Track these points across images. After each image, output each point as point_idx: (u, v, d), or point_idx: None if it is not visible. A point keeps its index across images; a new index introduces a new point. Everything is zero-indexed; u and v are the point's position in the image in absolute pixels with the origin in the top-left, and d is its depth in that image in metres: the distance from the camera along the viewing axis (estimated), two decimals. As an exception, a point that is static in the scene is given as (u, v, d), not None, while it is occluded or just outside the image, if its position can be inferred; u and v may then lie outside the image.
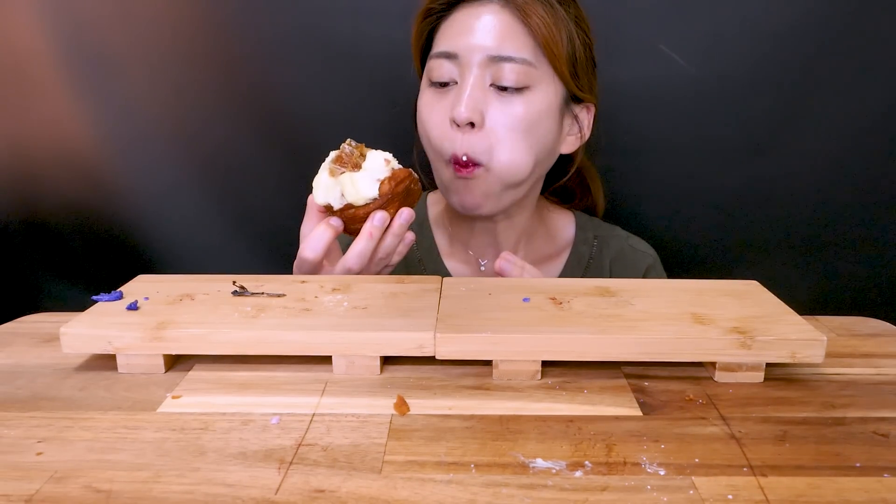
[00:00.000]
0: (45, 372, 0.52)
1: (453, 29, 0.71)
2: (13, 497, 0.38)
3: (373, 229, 0.60)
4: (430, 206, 0.88)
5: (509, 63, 0.68)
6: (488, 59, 0.69)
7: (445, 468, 0.40)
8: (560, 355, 0.50)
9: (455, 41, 0.70)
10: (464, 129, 0.69)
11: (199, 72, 0.96)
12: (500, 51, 0.68)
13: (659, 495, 0.38)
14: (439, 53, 0.71)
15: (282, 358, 0.53)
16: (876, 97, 0.91)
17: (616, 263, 0.84)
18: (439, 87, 0.72)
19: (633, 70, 0.92)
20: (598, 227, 0.87)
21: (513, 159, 0.70)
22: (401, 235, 0.63)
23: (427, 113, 0.73)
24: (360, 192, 0.59)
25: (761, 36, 0.89)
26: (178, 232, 1.03)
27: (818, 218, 0.99)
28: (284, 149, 0.99)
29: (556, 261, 0.83)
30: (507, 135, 0.69)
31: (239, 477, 0.39)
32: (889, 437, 0.44)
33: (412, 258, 0.84)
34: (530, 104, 0.70)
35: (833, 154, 0.95)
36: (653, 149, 0.97)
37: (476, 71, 0.69)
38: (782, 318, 0.53)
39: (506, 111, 0.69)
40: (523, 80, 0.69)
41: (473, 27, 0.69)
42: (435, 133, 0.72)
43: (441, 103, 0.72)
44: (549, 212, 0.86)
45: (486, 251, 0.82)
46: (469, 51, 0.69)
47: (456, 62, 0.70)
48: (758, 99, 0.92)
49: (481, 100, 0.69)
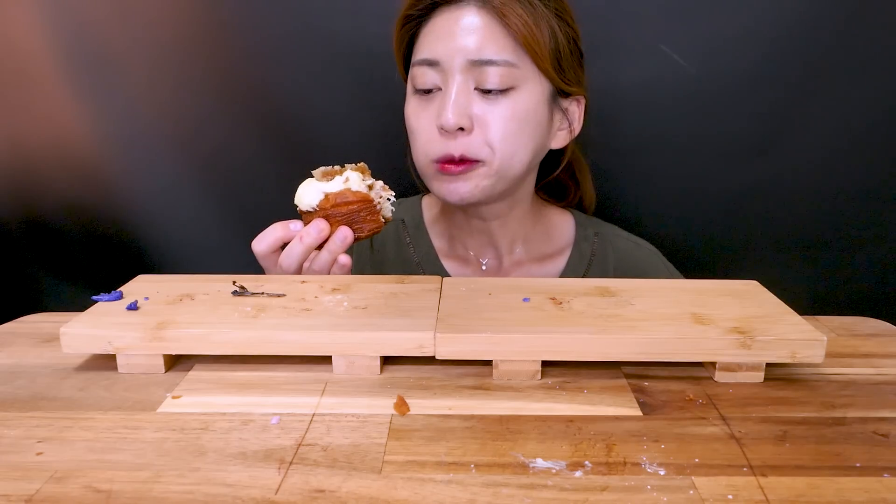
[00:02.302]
0: (45, 372, 0.52)
1: (433, 35, 0.70)
2: (13, 497, 0.38)
3: (304, 233, 0.62)
4: (425, 209, 0.87)
5: (491, 66, 0.68)
6: (470, 64, 0.68)
7: (445, 468, 0.40)
8: (560, 355, 0.50)
9: (435, 47, 0.70)
10: (454, 134, 0.69)
11: (199, 72, 0.96)
12: (480, 54, 0.68)
13: (659, 495, 0.38)
14: (421, 61, 0.71)
15: (282, 358, 0.53)
16: (876, 97, 0.91)
17: (621, 261, 0.83)
18: (424, 94, 0.72)
19: (633, 70, 0.92)
20: (598, 225, 0.87)
21: (509, 156, 0.70)
22: (335, 252, 0.63)
23: (414, 120, 0.73)
24: (303, 197, 0.63)
25: (761, 36, 0.89)
26: (178, 232, 1.03)
27: (818, 218, 0.99)
28: (284, 149, 0.99)
29: (558, 259, 0.83)
30: (497, 134, 0.69)
31: (239, 477, 0.39)
32: (889, 437, 0.44)
33: (410, 262, 0.84)
34: (516, 104, 0.70)
35: (833, 154, 0.95)
36: (653, 149, 0.97)
37: (459, 76, 0.69)
38: (782, 318, 0.53)
39: (493, 113, 0.69)
40: (507, 81, 0.69)
41: (453, 32, 0.68)
42: (423, 139, 0.72)
43: (427, 110, 0.72)
44: (547, 211, 0.86)
45: (485, 250, 0.82)
46: (450, 56, 0.68)
47: (438, 68, 0.70)
48: (758, 99, 0.92)
49: (467, 105, 0.69)
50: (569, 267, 0.83)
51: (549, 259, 0.83)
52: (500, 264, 0.82)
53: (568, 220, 0.86)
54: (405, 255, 0.84)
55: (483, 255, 0.83)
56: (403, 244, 0.84)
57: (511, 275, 0.82)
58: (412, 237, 0.84)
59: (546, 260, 0.83)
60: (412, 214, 0.86)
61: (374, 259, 0.85)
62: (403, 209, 0.87)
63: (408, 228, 0.85)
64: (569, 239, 0.85)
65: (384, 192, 0.64)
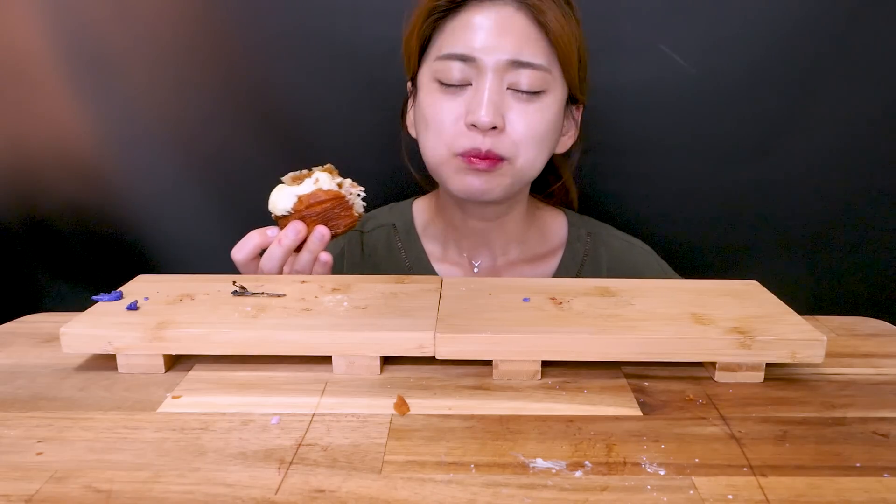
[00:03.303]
0: (45, 372, 0.52)
1: (468, 29, 0.69)
2: (13, 497, 0.38)
3: (282, 236, 0.63)
4: (416, 214, 0.87)
5: (528, 69, 0.68)
6: (507, 64, 0.68)
7: (445, 468, 0.40)
8: (560, 355, 0.50)
9: (470, 43, 0.68)
10: (485, 132, 0.69)
11: (198, 72, 0.96)
12: (519, 56, 0.67)
13: (659, 495, 0.38)
14: (452, 55, 0.69)
15: (282, 358, 0.53)
16: (876, 97, 0.91)
17: (615, 260, 0.84)
18: (448, 87, 0.70)
19: (633, 70, 0.92)
20: (591, 225, 0.87)
21: (533, 158, 0.71)
22: (315, 252, 0.63)
23: (435, 112, 0.71)
24: (276, 203, 0.64)
25: (761, 36, 0.89)
26: (178, 232, 1.03)
27: (818, 218, 0.99)
28: (284, 149, 0.99)
29: (551, 260, 0.83)
30: (528, 136, 0.70)
31: (239, 477, 0.39)
32: (889, 437, 0.44)
33: (401, 266, 0.83)
34: (546, 108, 0.70)
35: (833, 154, 0.95)
36: (653, 149, 0.97)
37: (494, 75, 0.68)
38: (782, 318, 0.53)
39: (524, 115, 0.69)
40: (539, 84, 0.69)
41: (490, 28, 0.67)
42: (447, 132, 0.70)
43: (451, 103, 0.70)
44: (540, 211, 0.86)
45: (480, 251, 0.82)
46: (486, 54, 0.67)
47: (471, 64, 0.68)
48: (758, 99, 0.92)
49: (501, 104, 0.69)
50: (561, 267, 0.83)
51: (542, 259, 0.83)
52: (493, 266, 0.82)
53: (561, 220, 0.86)
54: (396, 259, 0.84)
55: (477, 256, 0.83)
56: (395, 249, 0.84)
57: (504, 276, 0.82)
58: (403, 242, 0.84)
59: (539, 260, 0.83)
60: (403, 219, 0.86)
61: (365, 264, 0.85)
62: (394, 214, 0.87)
63: (399, 233, 0.85)
64: (562, 239, 0.85)
65: (353, 188, 0.65)
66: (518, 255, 0.83)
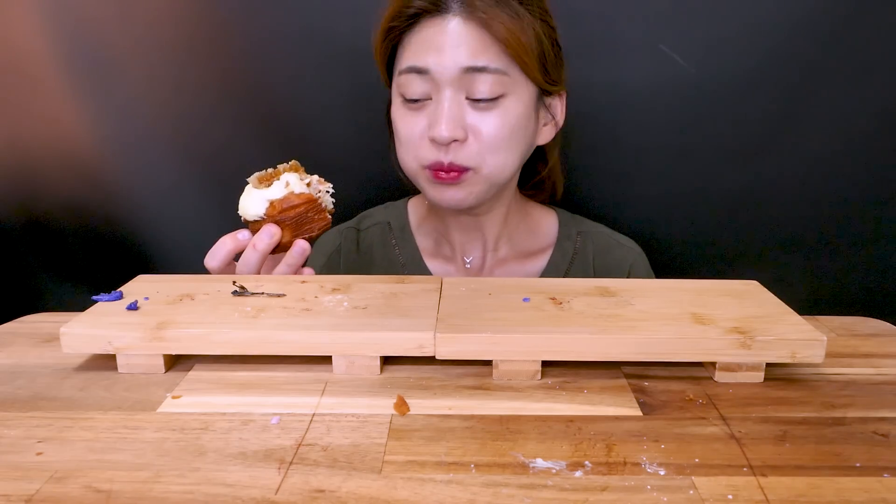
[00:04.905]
0: (45, 372, 0.52)
1: (421, 44, 0.69)
2: (13, 497, 0.38)
3: (257, 240, 0.63)
4: (410, 212, 0.88)
5: (482, 74, 0.68)
6: (461, 73, 0.68)
7: (445, 468, 0.40)
8: (560, 355, 0.50)
9: (424, 56, 0.69)
10: (447, 145, 0.69)
11: (199, 72, 0.96)
12: (471, 62, 0.67)
13: (659, 495, 0.38)
14: (410, 68, 0.70)
15: (282, 358, 0.53)
16: (876, 97, 0.91)
17: (599, 258, 0.84)
18: (412, 103, 0.71)
19: (633, 70, 0.92)
20: (582, 224, 0.87)
21: (502, 163, 0.71)
22: (294, 266, 0.63)
23: (402, 126, 0.73)
24: (248, 208, 0.64)
25: (761, 36, 0.89)
26: (178, 232, 1.03)
27: (818, 218, 0.99)
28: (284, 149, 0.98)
29: (541, 257, 0.84)
30: (491, 143, 0.70)
31: (239, 477, 0.39)
32: (889, 437, 0.44)
33: (395, 263, 0.85)
34: (508, 112, 0.70)
35: (833, 154, 0.95)
36: (652, 149, 0.97)
37: (449, 87, 0.68)
38: (782, 318, 0.53)
39: (485, 123, 0.69)
40: (497, 89, 0.69)
41: (441, 42, 0.68)
42: (412, 146, 0.72)
43: (416, 118, 0.71)
44: (532, 209, 0.87)
45: (472, 246, 0.83)
46: (440, 66, 0.68)
47: (427, 77, 0.69)
48: (758, 99, 0.92)
49: (460, 116, 0.69)
50: (551, 264, 0.83)
51: (532, 256, 0.84)
52: (484, 262, 0.83)
53: (552, 219, 0.87)
54: (391, 256, 0.85)
55: (469, 252, 0.83)
56: (389, 245, 0.86)
57: (494, 272, 0.83)
58: (397, 239, 0.86)
59: (529, 257, 0.84)
60: (398, 217, 0.88)
61: (361, 260, 0.86)
62: (390, 212, 0.89)
63: (394, 231, 0.87)
64: (552, 237, 0.86)
65: (321, 185, 0.65)
66: (509, 252, 0.84)
